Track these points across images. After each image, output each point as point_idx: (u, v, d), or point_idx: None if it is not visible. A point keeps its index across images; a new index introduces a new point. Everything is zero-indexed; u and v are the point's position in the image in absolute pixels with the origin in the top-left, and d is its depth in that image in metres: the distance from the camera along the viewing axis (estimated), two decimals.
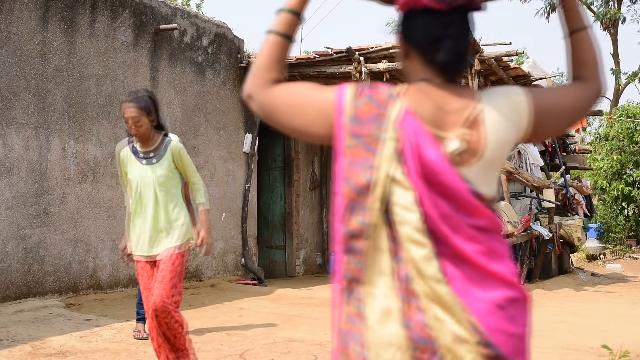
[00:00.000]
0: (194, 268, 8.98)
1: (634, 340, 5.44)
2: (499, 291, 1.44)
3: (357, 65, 9.20)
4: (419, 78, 1.54)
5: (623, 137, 16.69)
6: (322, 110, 1.53)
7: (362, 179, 1.46)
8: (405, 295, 1.42)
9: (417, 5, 1.51)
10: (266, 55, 1.62)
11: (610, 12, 23.80)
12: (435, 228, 1.43)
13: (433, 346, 1.40)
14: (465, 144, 1.45)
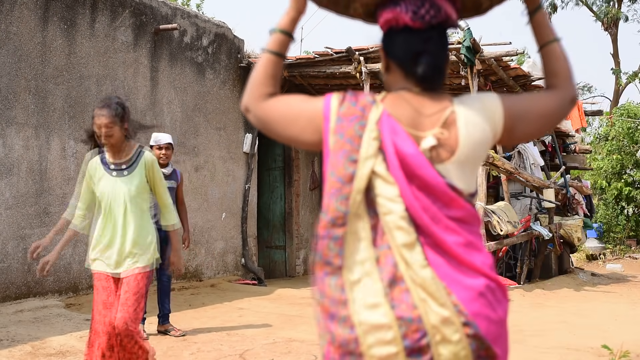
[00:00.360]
0: (194, 268, 8.98)
1: (634, 340, 5.44)
2: (479, 279, 1.54)
3: (357, 65, 9.20)
4: (400, 88, 1.69)
5: (623, 137, 16.68)
6: (312, 119, 1.67)
7: (345, 171, 1.59)
8: (391, 279, 1.51)
9: (397, 24, 1.65)
10: (261, 72, 1.75)
11: (611, 12, 23.79)
12: (417, 218, 1.54)
13: (420, 325, 1.49)
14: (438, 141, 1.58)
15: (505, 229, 8.39)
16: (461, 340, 1.48)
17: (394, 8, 1.65)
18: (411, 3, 1.63)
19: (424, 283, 1.50)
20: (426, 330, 1.49)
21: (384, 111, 1.63)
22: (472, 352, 1.49)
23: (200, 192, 9.10)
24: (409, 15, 1.63)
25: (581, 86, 30.96)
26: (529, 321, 6.40)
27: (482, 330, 1.50)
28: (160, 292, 5.85)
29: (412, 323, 1.49)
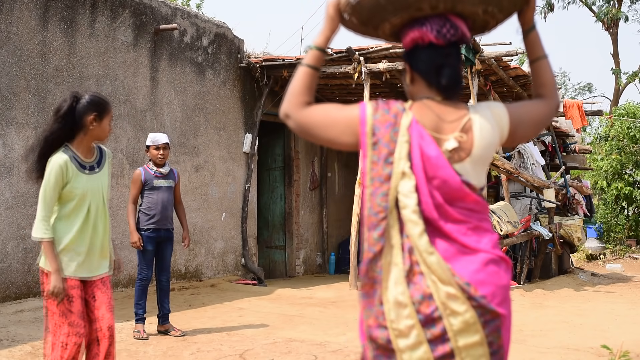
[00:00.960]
0: (194, 268, 8.98)
1: (634, 340, 5.44)
2: (480, 255, 1.86)
3: (357, 65, 9.20)
4: (424, 97, 1.97)
5: (623, 137, 16.67)
6: (349, 124, 1.95)
7: (383, 171, 1.89)
8: (410, 263, 1.84)
9: (423, 41, 1.94)
10: (299, 83, 2.00)
11: (612, 12, 23.78)
12: (428, 213, 1.86)
13: (431, 301, 1.81)
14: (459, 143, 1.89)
15: (505, 229, 8.38)
16: (468, 310, 1.79)
17: (421, 27, 1.93)
18: (435, 23, 1.92)
19: (432, 267, 1.82)
20: (437, 305, 1.81)
21: (413, 118, 1.92)
22: (479, 318, 1.80)
23: (200, 192, 9.10)
24: (433, 34, 1.91)
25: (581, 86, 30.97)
26: (529, 321, 6.40)
27: (488, 298, 1.82)
28: (160, 293, 5.86)
29: (424, 300, 1.81)
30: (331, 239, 11.99)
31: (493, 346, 1.83)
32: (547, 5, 25.20)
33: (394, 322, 1.84)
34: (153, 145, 5.80)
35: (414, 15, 1.94)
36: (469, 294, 1.81)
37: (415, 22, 1.95)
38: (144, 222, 5.69)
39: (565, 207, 11.05)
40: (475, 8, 1.93)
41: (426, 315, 1.82)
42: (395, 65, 9.01)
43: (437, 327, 1.82)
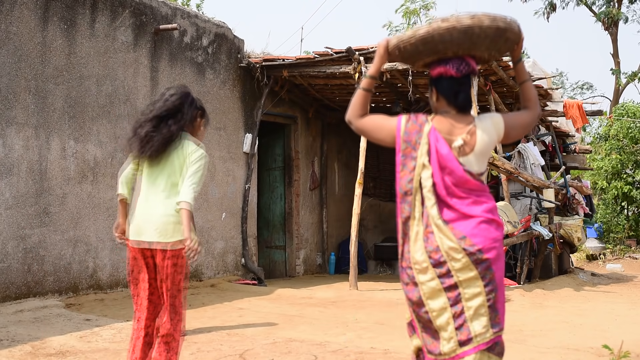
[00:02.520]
0: (194, 268, 8.98)
1: (634, 340, 5.44)
2: (477, 218, 2.74)
3: (357, 65, 9.20)
4: (444, 111, 2.86)
5: (623, 137, 16.66)
6: (390, 130, 2.89)
7: (411, 164, 2.81)
8: (426, 225, 2.75)
9: (446, 74, 2.84)
10: (358, 101, 2.96)
11: (612, 12, 23.77)
12: (439, 191, 2.76)
13: (438, 251, 2.71)
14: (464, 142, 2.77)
15: (505, 229, 8.38)
16: (463, 257, 2.69)
17: (445, 65, 2.84)
18: (455, 62, 2.83)
19: (439, 227, 2.73)
20: (442, 253, 2.71)
21: (432, 126, 2.83)
22: (472, 261, 2.69)
23: (200, 192, 9.09)
24: (454, 70, 2.82)
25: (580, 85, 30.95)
26: (529, 321, 6.40)
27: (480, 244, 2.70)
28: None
29: (434, 250, 2.72)
30: (331, 239, 11.99)
31: (485, 279, 2.71)
32: (549, 6, 25.19)
33: (417, 264, 2.76)
34: None
35: (441, 57, 2.85)
36: (463, 246, 2.70)
37: (441, 60, 2.85)
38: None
39: (565, 207, 11.05)
40: (482, 53, 2.89)
41: (435, 260, 2.73)
42: (395, 65, 9.01)
43: (444, 267, 2.72)
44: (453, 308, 2.70)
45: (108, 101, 7.81)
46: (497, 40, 2.83)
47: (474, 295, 2.69)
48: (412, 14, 25.48)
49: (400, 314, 7.03)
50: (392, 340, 5.58)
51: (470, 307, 2.69)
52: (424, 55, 2.87)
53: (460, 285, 2.70)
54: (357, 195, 9.13)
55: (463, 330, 2.68)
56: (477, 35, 2.77)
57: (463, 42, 2.79)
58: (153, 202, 3.80)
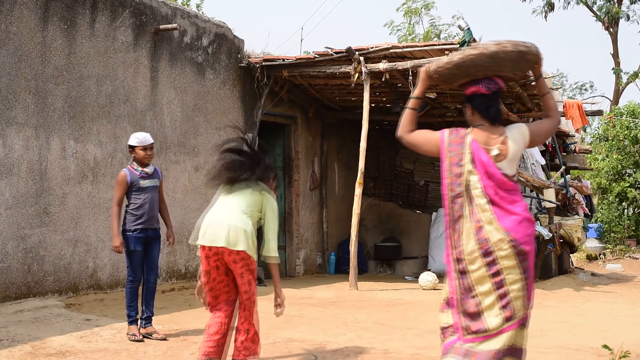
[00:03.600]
0: (194, 268, 8.98)
1: (634, 340, 5.44)
2: (516, 217, 3.31)
3: (357, 65, 9.19)
4: (477, 124, 3.45)
5: (624, 137, 16.64)
6: (435, 143, 3.47)
7: (457, 170, 3.39)
8: (476, 221, 3.32)
9: (479, 92, 3.43)
10: (407, 119, 3.55)
11: (612, 11, 23.74)
12: (487, 193, 3.32)
13: (488, 242, 3.28)
14: (499, 151, 3.36)
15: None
16: (508, 248, 3.25)
17: (477, 85, 3.44)
18: (485, 82, 3.44)
19: (490, 221, 3.30)
20: (490, 244, 3.27)
21: (472, 138, 3.41)
22: (514, 252, 3.26)
23: (200, 192, 9.09)
24: (485, 88, 3.43)
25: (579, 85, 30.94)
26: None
27: (520, 240, 3.27)
28: (147, 294, 5.71)
29: (483, 242, 3.28)
30: (331, 239, 11.98)
31: (523, 267, 3.29)
32: (548, 5, 25.18)
33: (468, 254, 3.31)
34: (140, 145, 5.63)
35: (473, 78, 3.46)
36: (509, 238, 3.26)
37: (474, 81, 3.46)
38: (132, 222, 5.58)
39: (565, 207, 11.04)
40: (507, 73, 3.55)
41: (485, 250, 3.28)
42: (395, 65, 9.01)
43: (491, 257, 3.28)
44: (498, 291, 3.27)
45: (108, 101, 7.81)
46: (519, 62, 3.42)
47: (515, 281, 3.27)
48: (413, 13, 25.46)
49: (401, 314, 7.04)
50: (392, 340, 5.58)
51: (513, 289, 3.26)
52: (459, 78, 3.51)
53: (503, 272, 3.27)
54: (357, 195, 9.13)
55: (508, 308, 3.26)
56: (502, 59, 3.37)
57: (491, 65, 3.41)
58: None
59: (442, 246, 11.88)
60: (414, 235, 12.91)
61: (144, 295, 5.73)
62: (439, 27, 25.47)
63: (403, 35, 25.55)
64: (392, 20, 26.34)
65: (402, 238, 12.88)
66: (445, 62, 3.46)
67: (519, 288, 3.27)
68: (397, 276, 11.93)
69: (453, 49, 8.44)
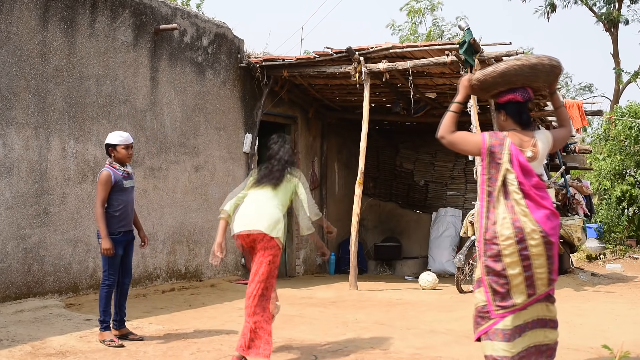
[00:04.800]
0: (194, 268, 8.98)
1: (634, 340, 5.44)
2: (545, 210, 3.80)
3: (357, 65, 9.19)
4: (511, 128, 3.94)
5: (625, 137, 16.63)
6: (477, 144, 3.92)
7: (496, 168, 3.85)
8: (512, 213, 3.78)
9: (514, 99, 3.93)
10: (449, 120, 3.95)
11: (612, 14, 23.74)
12: (523, 188, 3.79)
13: (522, 231, 3.74)
14: (532, 153, 3.88)
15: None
16: (539, 237, 3.75)
17: (513, 93, 3.94)
18: (520, 91, 3.94)
19: (525, 214, 3.77)
20: (524, 233, 3.74)
21: (510, 140, 3.89)
22: (543, 242, 3.76)
23: (200, 192, 9.10)
24: (519, 97, 3.94)
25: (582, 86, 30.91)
26: None
27: (548, 232, 3.77)
28: (120, 296, 5.59)
29: (518, 230, 3.75)
30: (331, 239, 11.99)
31: (548, 255, 3.80)
32: (550, 5, 25.16)
33: (503, 241, 3.79)
34: (123, 144, 5.56)
35: (512, 87, 3.94)
36: (539, 229, 3.76)
37: (510, 89, 3.95)
38: (115, 225, 5.43)
39: (565, 207, 11.04)
40: (538, 84, 4.07)
41: (519, 237, 3.77)
42: (395, 65, 9.01)
43: (524, 244, 3.78)
44: (525, 273, 3.80)
45: (108, 101, 7.81)
46: (550, 75, 3.95)
47: (540, 265, 3.81)
48: (416, 13, 25.42)
49: (401, 314, 7.04)
50: (392, 340, 5.58)
51: (537, 272, 3.81)
52: (500, 86, 3.95)
53: (532, 258, 3.79)
54: (357, 195, 9.13)
55: (531, 287, 3.82)
56: (539, 70, 3.89)
57: (530, 75, 3.89)
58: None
59: (442, 246, 11.89)
60: (414, 235, 12.91)
61: (118, 298, 5.58)
62: (442, 27, 25.47)
63: (405, 35, 25.54)
64: (393, 21, 26.29)
65: (402, 238, 12.88)
66: (490, 71, 3.90)
67: (543, 271, 3.82)
68: (397, 276, 11.93)
69: (453, 49, 8.46)
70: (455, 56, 8.41)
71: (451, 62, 8.54)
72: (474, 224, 8.35)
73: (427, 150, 13.42)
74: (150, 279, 8.26)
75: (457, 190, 13.18)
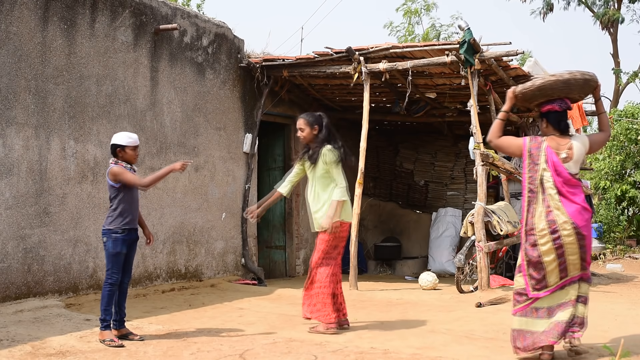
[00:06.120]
0: (194, 268, 8.99)
1: (634, 340, 5.44)
2: (577, 205, 4.56)
3: (357, 65, 9.20)
4: (550, 134, 4.72)
5: (624, 138, 16.63)
6: (519, 146, 4.76)
7: (534, 169, 4.67)
8: (547, 206, 4.58)
9: (553, 109, 4.72)
10: (497, 127, 4.83)
11: (609, 13, 23.74)
12: (557, 186, 4.58)
13: (555, 223, 4.53)
14: (567, 154, 4.63)
15: (505, 229, 8.38)
16: (570, 229, 4.49)
17: (552, 104, 4.70)
18: (559, 101, 4.68)
19: (557, 208, 4.53)
20: (557, 225, 4.50)
21: (547, 144, 4.66)
22: (574, 232, 4.50)
23: (200, 192, 9.10)
24: (558, 107, 4.70)
25: None
26: None
27: (579, 224, 4.51)
28: (120, 296, 5.55)
29: (551, 222, 4.52)
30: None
31: (580, 245, 4.51)
32: (547, 6, 25.16)
33: (539, 232, 4.53)
34: (131, 145, 5.57)
35: (549, 98, 4.70)
36: (572, 221, 4.47)
37: (549, 100, 4.70)
38: (120, 223, 5.44)
39: None
40: (574, 95, 4.76)
41: (552, 229, 4.50)
42: (395, 65, 9.01)
43: (557, 234, 4.49)
44: (559, 259, 4.53)
45: (108, 101, 7.81)
46: (584, 87, 4.67)
47: (573, 253, 4.52)
48: (413, 13, 25.45)
49: (401, 314, 7.04)
50: (392, 340, 5.58)
51: (569, 259, 4.54)
52: (538, 98, 4.73)
53: (565, 246, 4.51)
54: (357, 195, 9.14)
55: (563, 272, 4.56)
56: (572, 84, 4.61)
57: (564, 89, 4.64)
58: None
59: (442, 246, 11.90)
60: (414, 235, 12.92)
61: (118, 298, 5.55)
62: (439, 27, 25.49)
63: (402, 36, 25.56)
64: (391, 22, 26.39)
65: (402, 238, 12.88)
66: (529, 85, 4.69)
67: (575, 258, 4.54)
68: (397, 276, 11.93)
69: (453, 49, 8.46)
70: (455, 56, 8.41)
71: (451, 62, 8.55)
72: (473, 224, 8.35)
73: (427, 150, 13.43)
74: (150, 279, 8.26)
75: (457, 190, 13.19)
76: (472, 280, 8.66)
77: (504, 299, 7.56)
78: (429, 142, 13.42)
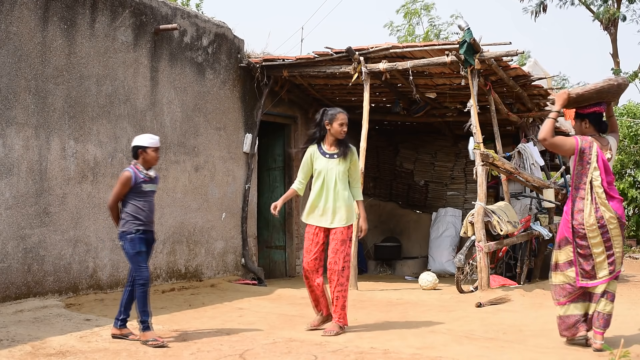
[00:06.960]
0: (194, 268, 8.99)
1: (634, 340, 5.44)
2: (618, 200, 5.06)
3: (357, 65, 9.19)
4: (591, 134, 5.15)
5: (624, 137, 16.64)
6: (572, 145, 5.07)
7: (585, 167, 5.03)
8: (595, 203, 4.98)
9: (599, 111, 5.19)
10: (550, 126, 5.09)
11: (609, 12, 23.73)
12: (603, 184, 4.98)
13: (602, 218, 4.96)
14: (610, 155, 5.12)
15: (505, 229, 8.38)
16: (615, 222, 4.97)
17: (599, 106, 5.17)
18: (603, 104, 5.17)
19: (604, 204, 4.96)
20: (605, 220, 4.95)
21: (596, 143, 5.03)
22: (619, 225, 4.99)
23: (200, 192, 9.10)
24: (601, 109, 5.18)
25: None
26: (529, 321, 6.40)
27: (620, 214, 4.99)
28: (127, 298, 5.54)
29: (600, 217, 4.95)
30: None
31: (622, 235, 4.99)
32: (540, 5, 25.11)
33: (589, 226, 4.94)
34: (152, 147, 5.55)
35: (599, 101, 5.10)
36: (616, 216, 4.92)
37: (595, 103, 5.13)
38: (132, 225, 5.41)
39: None
40: (611, 99, 5.21)
41: (601, 223, 4.92)
42: (395, 65, 9.01)
43: (605, 228, 4.93)
44: (607, 252, 4.96)
45: (108, 101, 7.81)
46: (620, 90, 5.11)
47: (619, 245, 4.99)
48: (413, 14, 25.46)
49: (401, 314, 7.04)
50: (392, 340, 5.58)
51: (617, 251, 4.99)
52: (594, 99, 5.08)
53: (612, 239, 4.95)
54: None
55: (613, 264, 4.97)
56: (621, 89, 5.08)
57: (615, 92, 5.09)
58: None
59: (442, 246, 11.89)
60: (414, 235, 12.91)
61: (130, 298, 5.56)
62: (439, 27, 25.50)
63: (403, 36, 25.57)
64: (391, 21, 26.46)
65: (402, 238, 12.88)
66: (590, 87, 5.03)
67: (620, 250, 5.00)
68: (397, 276, 11.93)
69: (453, 49, 8.46)
70: (455, 56, 8.41)
71: (451, 62, 8.54)
72: (473, 224, 8.34)
73: (427, 150, 13.43)
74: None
75: (457, 190, 13.19)
76: (472, 280, 8.66)
77: (504, 299, 7.55)
78: (429, 142, 13.42)
